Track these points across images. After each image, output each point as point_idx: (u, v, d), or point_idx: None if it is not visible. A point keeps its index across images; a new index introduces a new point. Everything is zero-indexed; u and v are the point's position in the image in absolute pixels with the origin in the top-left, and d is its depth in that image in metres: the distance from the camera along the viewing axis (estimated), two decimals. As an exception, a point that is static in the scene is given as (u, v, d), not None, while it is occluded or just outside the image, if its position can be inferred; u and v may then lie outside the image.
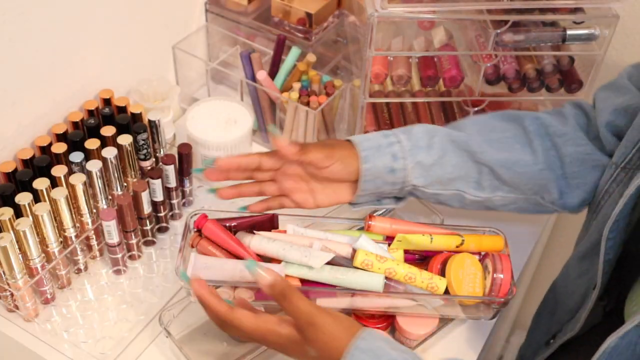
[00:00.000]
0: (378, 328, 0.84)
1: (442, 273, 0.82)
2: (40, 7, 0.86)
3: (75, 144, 0.90)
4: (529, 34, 0.95)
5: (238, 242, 0.83)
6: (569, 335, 0.84)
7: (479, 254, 0.85)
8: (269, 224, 0.87)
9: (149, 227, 0.94)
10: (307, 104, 1.04)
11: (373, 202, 0.88)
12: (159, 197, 0.94)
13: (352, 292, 0.80)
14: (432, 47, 1.00)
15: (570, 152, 0.85)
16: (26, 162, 0.88)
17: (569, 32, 0.95)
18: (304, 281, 0.81)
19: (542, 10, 0.95)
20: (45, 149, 0.90)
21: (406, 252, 0.85)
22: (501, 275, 0.80)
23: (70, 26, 0.92)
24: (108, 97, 0.98)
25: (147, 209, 0.92)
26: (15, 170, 0.86)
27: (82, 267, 0.92)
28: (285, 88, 1.09)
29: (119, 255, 0.91)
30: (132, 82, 1.06)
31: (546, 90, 1.02)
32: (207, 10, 1.17)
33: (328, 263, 0.80)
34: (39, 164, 0.87)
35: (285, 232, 0.86)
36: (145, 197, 0.90)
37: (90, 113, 0.96)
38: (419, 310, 0.85)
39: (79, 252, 0.90)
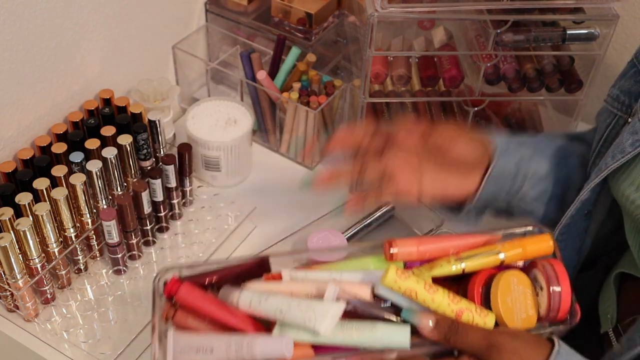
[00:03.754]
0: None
1: (486, 297, 0.66)
2: (40, 7, 0.86)
3: (75, 144, 0.90)
4: (529, 34, 0.95)
5: (223, 305, 0.64)
6: None
7: (523, 262, 0.69)
8: (259, 269, 0.69)
9: (149, 227, 0.94)
10: (307, 104, 1.04)
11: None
12: (159, 197, 0.94)
13: (379, 351, 0.62)
14: (432, 47, 1.00)
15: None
16: (26, 162, 0.88)
17: (569, 32, 0.95)
18: (315, 347, 0.63)
19: (542, 10, 0.95)
20: (45, 149, 0.90)
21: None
22: (557, 289, 0.64)
23: (70, 26, 0.92)
24: (108, 97, 0.98)
25: (147, 209, 0.91)
26: (15, 170, 0.86)
27: (82, 267, 0.92)
28: (285, 88, 1.09)
29: (119, 255, 0.91)
30: (132, 82, 1.06)
31: (546, 90, 1.02)
32: (207, 10, 1.17)
33: (346, 314, 0.62)
34: (39, 164, 0.87)
35: (280, 277, 0.67)
36: (145, 197, 0.90)
37: (90, 113, 0.96)
38: None
39: (79, 252, 0.90)
